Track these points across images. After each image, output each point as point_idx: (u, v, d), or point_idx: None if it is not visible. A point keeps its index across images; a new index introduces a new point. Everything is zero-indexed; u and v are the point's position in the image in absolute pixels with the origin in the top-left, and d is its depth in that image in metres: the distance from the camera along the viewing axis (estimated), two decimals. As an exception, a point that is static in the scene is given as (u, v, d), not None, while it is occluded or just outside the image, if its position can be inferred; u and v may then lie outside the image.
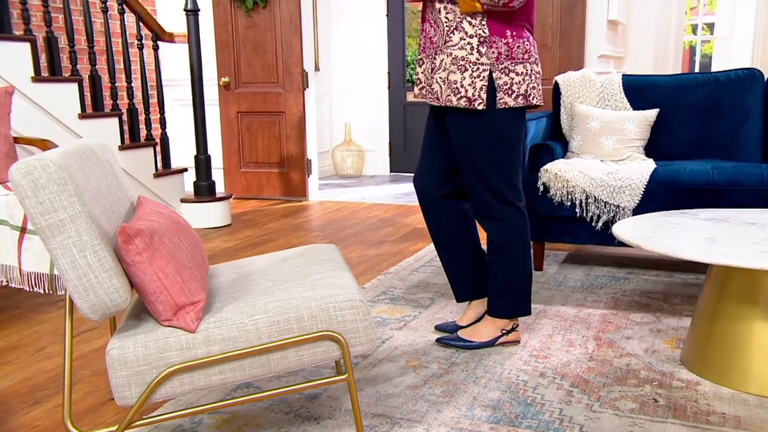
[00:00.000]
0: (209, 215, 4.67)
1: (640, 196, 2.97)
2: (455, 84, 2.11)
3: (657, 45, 6.03)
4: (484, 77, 2.10)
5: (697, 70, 9.59)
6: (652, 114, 3.42)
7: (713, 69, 7.90)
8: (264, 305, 1.59)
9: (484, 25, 2.09)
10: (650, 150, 3.48)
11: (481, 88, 2.10)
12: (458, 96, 2.12)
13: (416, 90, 2.31)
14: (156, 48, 4.74)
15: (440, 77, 2.14)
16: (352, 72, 7.16)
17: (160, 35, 4.73)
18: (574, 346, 2.39)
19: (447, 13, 2.11)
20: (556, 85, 3.70)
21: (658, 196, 2.97)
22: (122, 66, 5.49)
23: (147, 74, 4.85)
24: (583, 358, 2.28)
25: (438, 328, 2.58)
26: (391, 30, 6.98)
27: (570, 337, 2.48)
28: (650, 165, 3.10)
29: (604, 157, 3.38)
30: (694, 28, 10.42)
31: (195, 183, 4.78)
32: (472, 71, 2.10)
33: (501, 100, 2.13)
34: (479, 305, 2.54)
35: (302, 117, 5.59)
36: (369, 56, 7.07)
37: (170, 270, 1.51)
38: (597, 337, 2.48)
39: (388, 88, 7.09)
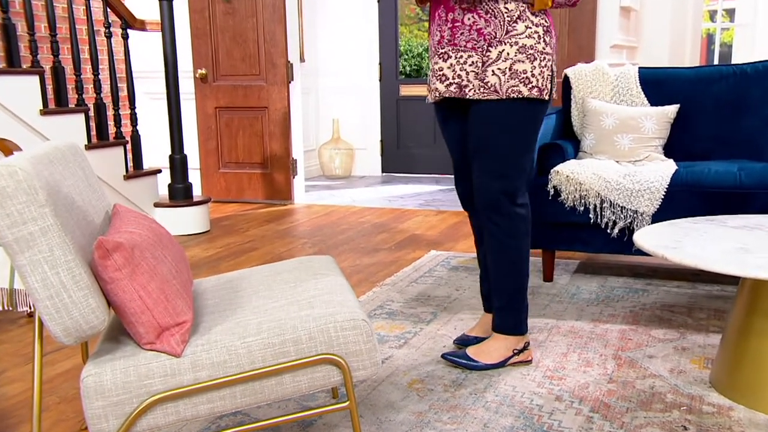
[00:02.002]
0: (185, 221, 4.64)
1: (660, 200, 2.98)
2: (525, 74, 2.19)
3: (673, 33, 6.05)
4: (548, 66, 2.23)
5: (715, 59, 9.64)
6: (671, 110, 3.42)
7: (733, 59, 7.94)
8: (257, 326, 1.57)
9: (544, 14, 2.22)
10: (670, 149, 3.48)
11: (546, 78, 2.23)
12: (529, 86, 2.20)
13: (441, 87, 2.29)
14: (125, 36, 4.70)
15: (499, 68, 2.19)
16: (340, 63, 7.14)
17: (129, 22, 4.69)
18: (591, 366, 2.38)
19: (507, 3, 2.18)
20: (566, 78, 3.70)
21: (679, 201, 2.97)
22: (88, 56, 5.44)
23: (116, 65, 4.81)
24: (602, 380, 2.28)
25: (458, 342, 2.58)
26: (383, 17, 6.97)
27: (587, 356, 2.47)
28: (671, 166, 3.11)
29: (620, 157, 3.38)
30: (713, 15, 10.50)
31: (170, 185, 4.74)
32: (540, 60, 2.20)
33: (551, 91, 2.29)
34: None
35: (287, 112, 5.57)
36: (359, 46, 7.06)
37: (153, 287, 1.49)
38: (616, 355, 2.47)
39: (380, 80, 7.08)
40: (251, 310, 1.68)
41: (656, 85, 3.57)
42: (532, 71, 2.19)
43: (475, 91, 2.22)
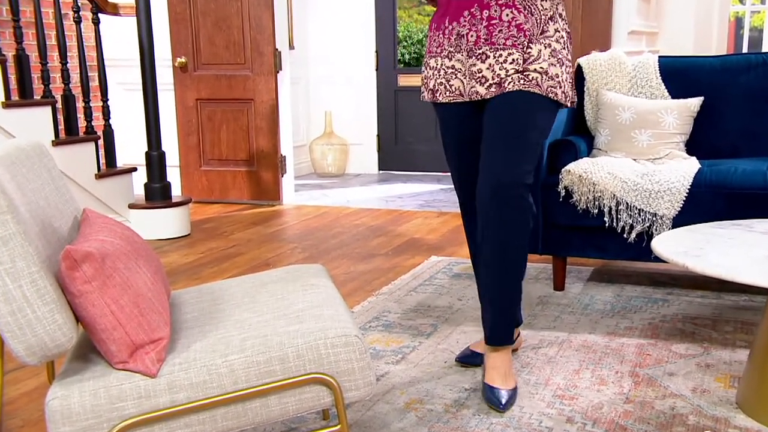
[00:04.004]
0: (163, 224, 4.64)
1: (682, 202, 2.99)
2: (558, 77, 2.29)
3: (698, 17, 6.07)
4: (571, 73, 2.35)
5: (745, 45, 9.66)
6: (695, 103, 3.43)
7: (765, 45, 7.96)
8: (240, 343, 1.58)
9: (566, 20, 2.33)
10: (693, 146, 3.49)
11: (569, 85, 2.34)
12: (561, 90, 2.30)
13: (482, 89, 2.30)
14: (96, 21, 4.70)
15: (540, 67, 2.27)
16: (333, 51, 7.15)
17: (101, 6, 4.70)
18: (606, 385, 2.39)
19: (543, 0, 2.27)
20: (579, 68, 3.71)
21: (703, 203, 2.98)
22: (55, 43, 5.44)
23: (86, 53, 4.81)
24: (618, 400, 2.29)
25: (461, 360, 2.58)
26: (380, 0, 6.98)
27: (601, 373, 2.48)
28: (693, 165, 3.12)
29: (638, 155, 3.39)
30: (741, -3, 10.52)
31: (146, 185, 4.74)
32: (566, 67, 2.32)
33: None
34: None
35: (275, 105, 5.57)
36: (353, 32, 7.06)
37: (125, 301, 1.49)
38: (633, 373, 2.48)
39: (376, 69, 7.09)
40: (234, 325, 1.68)
41: (678, 75, 3.57)
42: (562, 76, 2.29)
43: (515, 83, 2.27)
